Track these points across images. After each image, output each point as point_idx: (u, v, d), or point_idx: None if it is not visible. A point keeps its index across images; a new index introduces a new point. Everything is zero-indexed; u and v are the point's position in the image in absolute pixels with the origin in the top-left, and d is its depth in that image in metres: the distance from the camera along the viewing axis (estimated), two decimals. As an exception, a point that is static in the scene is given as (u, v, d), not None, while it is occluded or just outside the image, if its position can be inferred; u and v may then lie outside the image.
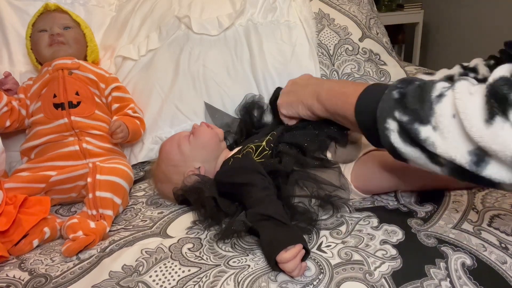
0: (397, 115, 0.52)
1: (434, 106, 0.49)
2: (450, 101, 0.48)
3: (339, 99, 0.67)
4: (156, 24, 1.14)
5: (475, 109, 0.45)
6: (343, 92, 0.66)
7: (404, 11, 2.45)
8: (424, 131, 0.50)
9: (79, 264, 0.65)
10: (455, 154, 0.48)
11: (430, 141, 0.49)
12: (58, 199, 0.88)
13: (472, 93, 0.47)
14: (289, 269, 0.56)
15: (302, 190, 0.71)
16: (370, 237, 0.63)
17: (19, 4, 1.10)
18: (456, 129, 0.47)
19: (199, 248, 0.65)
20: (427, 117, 0.50)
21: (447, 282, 0.54)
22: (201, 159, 0.81)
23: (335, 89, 0.70)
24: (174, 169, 0.81)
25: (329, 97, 0.70)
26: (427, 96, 0.51)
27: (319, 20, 1.19)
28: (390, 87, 0.56)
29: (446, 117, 0.48)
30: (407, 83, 0.55)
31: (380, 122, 0.54)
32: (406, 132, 0.52)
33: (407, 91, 0.53)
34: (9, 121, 0.90)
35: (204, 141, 0.82)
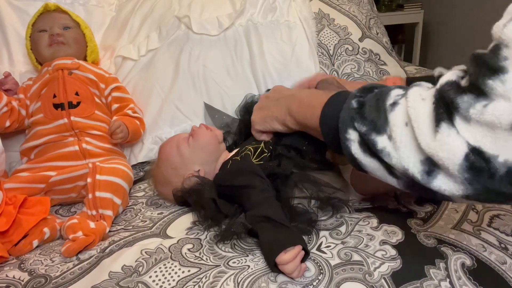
0: (356, 125, 0.52)
1: (388, 115, 0.49)
2: (403, 109, 0.48)
3: (308, 111, 0.66)
4: (156, 24, 1.14)
5: (424, 116, 0.45)
6: (311, 104, 0.66)
7: (404, 11, 2.45)
8: (380, 141, 0.49)
9: (79, 265, 0.65)
10: (408, 164, 0.47)
11: (386, 151, 0.49)
12: (58, 199, 0.88)
13: (424, 99, 0.46)
14: (289, 270, 0.56)
15: (301, 192, 0.71)
16: (370, 238, 0.63)
17: (19, 4, 1.11)
18: (408, 138, 0.47)
19: (199, 249, 0.65)
20: (383, 126, 0.49)
21: (447, 282, 0.54)
22: (201, 161, 0.81)
23: (305, 101, 0.69)
24: (174, 172, 0.80)
25: (299, 109, 0.70)
26: (383, 105, 0.50)
27: (319, 20, 1.19)
28: (350, 96, 0.56)
29: (399, 126, 0.47)
30: (366, 91, 0.55)
31: (341, 132, 0.54)
32: (365, 142, 0.51)
33: (365, 100, 0.53)
34: (9, 121, 0.90)
35: (203, 144, 0.82)
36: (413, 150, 0.46)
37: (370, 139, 0.50)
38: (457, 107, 0.42)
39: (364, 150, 0.52)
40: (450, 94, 0.43)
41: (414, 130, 0.45)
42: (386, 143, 0.49)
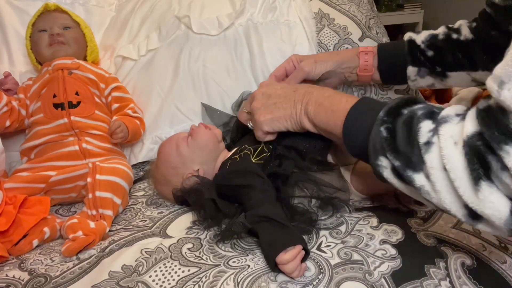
0: (389, 156, 0.52)
1: (423, 155, 0.48)
2: (438, 152, 0.47)
3: (329, 117, 0.65)
4: (156, 24, 1.14)
5: (461, 169, 0.45)
6: (332, 110, 0.64)
7: (404, 11, 2.45)
8: (418, 179, 0.49)
9: (78, 264, 0.65)
10: (450, 207, 0.48)
11: (425, 190, 0.49)
12: (58, 199, 0.88)
13: (456, 143, 0.46)
14: (289, 270, 0.56)
15: (302, 191, 0.71)
16: (370, 237, 0.63)
17: (19, 4, 1.10)
18: (449, 184, 0.47)
19: (198, 248, 0.65)
20: (419, 164, 0.49)
21: (447, 281, 0.54)
22: (200, 160, 0.81)
23: (324, 104, 0.66)
24: (173, 171, 0.80)
25: (319, 114, 0.67)
26: (415, 141, 0.49)
27: (319, 19, 1.19)
28: (377, 120, 0.54)
29: (437, 170, 0.47)
30: (393, 115, 0.54)
31: (372, 157, 0.54)
32: (399, 175, 0.51)
33: (395, 127, 0.52)
34: (9, 121, 0.90)
35: (202, 143, 0.82)
36: (455, 195, 0.46)
37: (406, 175, 0.50)
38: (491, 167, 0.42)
39: (398, 178, 0.52)
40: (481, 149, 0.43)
41: (453, 181, 0.45)
42: (424, 182, 0.49)
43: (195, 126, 0.85)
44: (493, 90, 0.42)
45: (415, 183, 0.49)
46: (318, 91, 0.70)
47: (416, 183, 0.49)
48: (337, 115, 0.62)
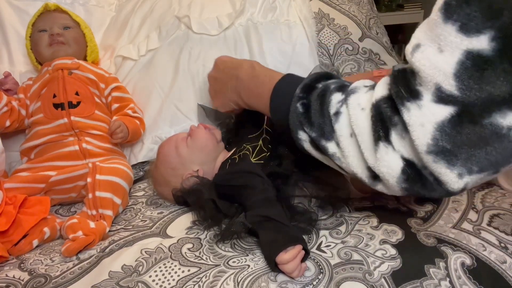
0: (306, 129, 0.57)
1: (333, 124, 0.53)
2: (346, 120, 0.52)
3: (259, 101, 0.70)
4: (156, 24, 1.14)
5: (365, 131, 0.49)
6: (260, 95, 0.69)
7: (404, 11, 2.45)
8: (330, 148, 0.54)
9: (78, 264, 0.65)
10: (356, 170, 0.52)
11: (336, 156, 0.54)
12: (58, 199, 0.88)
13: (363, 108, 0.50)
14: (289, 270, 0.56)
15: (302, 191, 0.71)
16: (370, 237, 0.63)
17: (19, 4, 1.10)
18: (355, 149, 0.51)
19: (198, 248, 0.65)
20: (330, 134, 0.54)
21: (447, 281, 0.54)
22: (199, 161, 0.81)
23: (253, 90, 0.72)
24: (172, 172, 0.80)
25: (249, 98, 0.74)
26: (326, 112, 0.54)
27: (319, 19, 1.19)
28: (294, 97, 0.58)
29: (345, 137, 0.52)
30: (308, 90, 0.58)
31: (293, 133, 0.59)
32: (316, 145, 0.56)
33: (310, 102, 0.57)
34: (9, 121, 0.90)
35: (201, 143, 0.82)
36: (360, 159, 0.51)
37: (321, 145, 0.55)
38: (393, 125, 0.46)
39: (316, 149, 0.57)
40: (388, 112, 0.46)
41: (359, 144, 0.50)
42: (335, 150, 0.54)
43: (195, 127, 0.85)
44: (407, 52, 0.45)
45: (328, 151, 0.54)
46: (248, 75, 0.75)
47: (329, 151, 0.54)
48: (264, 99, 0.67)
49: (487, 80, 0.39)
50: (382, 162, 0.48)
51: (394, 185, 0.48)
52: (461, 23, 0.40)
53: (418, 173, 0.46)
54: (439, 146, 0.43)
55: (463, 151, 0.42)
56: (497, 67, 0.39)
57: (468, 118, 0.41)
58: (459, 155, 0.42)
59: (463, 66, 0.40)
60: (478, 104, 0.40)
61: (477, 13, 0.39)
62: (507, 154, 0.42)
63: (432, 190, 0.46)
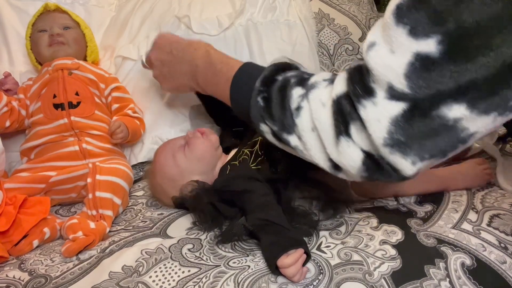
0: (267, 122, 0.58)
1: (294, 118, 0.55)
2: (308, 115, 0.53)
3: (215, 89, 0.71)
4: (156, 24, 1.14)
5: (327, 126, 0.51)
6: (218, 83, 0.69)
7: (404, 11, 2.45)
8: (292, 141, 0.56)
9: (79, 265, 0.65)
10: (318, 161, 0.55)
11: (299, 149, 0.56)
12: (58, 199, 0.88)
13: (324, 104, 0.52)
14: (290, 274, 0.55)
15: (302, 194, 0.71)
16: (370, 238, 0.63)
17: (19, 4, 1.10)
18: (316, 142, 0.54)
19: (199, 249, 0.65)
20: (292, 127, 0.55)
21: (447, 282, 0.54)
22: (198, 171, 0.78)
23: (209, 78, 0.72)
24: (171, 183, 0.78)
25: (206, 85, 0.73)
26: (287, 105, 0.55)
27: (319, 20, 1.19)
28: (254, 90, 0.59)
29: (306, 131, 0.54)
30: (268, 83, 0.59)
31: (255, 125, 0.60)
32: (278, 137, 0.58)
33: (270, 96, 0.58)
34: (9, 122, 0.90)
35: (200, 154, 0.79)
36: (322, 152, 0.54)
37: (283, 137, 0.57)
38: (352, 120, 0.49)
39: (278, 141, 0.59)
40: (347, 108, 0.49)
41: (320, 138, 0.52)
42: (297, 143, 0.56)
43: (192, 134, 0.82)
44: (363, 50, 0.47)
45: (290, 144, 0.57)
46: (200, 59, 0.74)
47: (291, 144, 0.57)
48: (222, 88, 0.67)
49: (435, 79, 0.42)
50: (343, 155, 0.51)
51: (355, 174, 0.52)
52: (411, 27, 0.42)
53: (376, 163, 0.49)
54: (394, 139, 0.46)
55: (416, 142, 0.46)
56: (444, 67, 0.42)
57: (419, 112, 0.44)
58: (412, 145, 0.46)
59: (413, 67, 0.43)
60: (427, 99, 0.44)
61: (424, 18, 0.42)
62: (454, 142, 0.45)
63: (389, 177, 0.50)
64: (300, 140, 0.55)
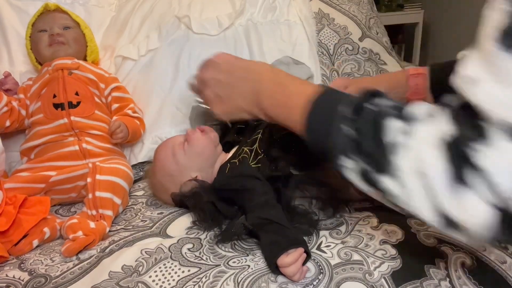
0: (352, 157, 0.49)
1: (391, 157, 0.45)
2: (411, 156, 0.44)
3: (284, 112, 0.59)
4: (156, 24, 1.14)
5: (438, 172, 0.42)
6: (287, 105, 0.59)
7: (404, 11, 2.45)
8: (385, 182, 0.46)
9: (79, 264, 0.65)
10: (420, 212, 0.44)
11: (392, 193, 0.46)
12: (58, 199, 0.88)
13: (432, 144, 0.43)
14: (291, 273, 0.55)
15: (302, 193, 0.70)
16: (370, 237, 0.63)
17: (19, 4, 1.11)
18: (421, 189, 0.43)
19: (199, 248, 0.65)
20: (385, 166, 0.46)
21: (447, 282, 0.54)
22: (198, 167, 0.79)
23: (278, 98, 0.60)
24: (170, 179, 0.79)
25: (272, 107, 0.61)
26: (382, 141, 0.46)
27: (319, 19, 1.19)
28: (340, 115, 0.50)
29: (408, 174, 0.44)
30: (356, 110, 0.50)
31: (334, 157, 0.51)
32: (364, 176, 0.49)
33: (359, 126, 0.48)
34: (9, 121, 0.90)
35: (199, 150, 0.79)
36: (428, 201, 0.43)
37: (371, 177, 0.47)
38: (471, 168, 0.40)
39: (361, 180, 0.50)
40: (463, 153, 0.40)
41: (428, 184, 0.43)
42: (391, 185, 0.46)
43: (191, 131, 0.82)
44: (460, 88, 0.41)
45: (380, 185, 0.47)
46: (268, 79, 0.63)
47: (383, 186, 0.46)
48: (293, 109, 0.57)
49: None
50: (461, 208, 0.41)
51: (477, 233, 0.42)
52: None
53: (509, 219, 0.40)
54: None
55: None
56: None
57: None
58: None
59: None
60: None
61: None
62: None
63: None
64: (396, 182, 0.45)
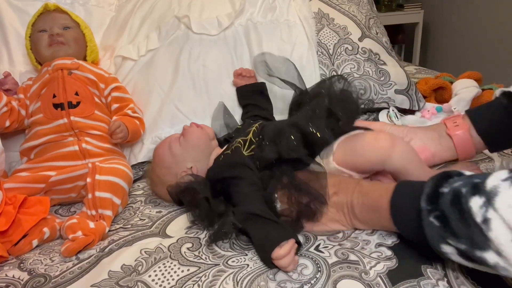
0: (451, 243, 0.51)
1: (486, 233, 0.47)
2: (502, 227, 0.46)
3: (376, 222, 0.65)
4: (155, 24, 1.14)
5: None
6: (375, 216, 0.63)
7: (404, 11, 2.45)
8: (490, 258, 0.48)
9: (78, 264, 0.65)
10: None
11: (501, 266, 0.48)
12: (57, 199, 0.88)
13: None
14: (284, 264, 0.57)
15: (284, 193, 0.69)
16: (366, 242, 0.63)
17: (19, 4, 1.11)
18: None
19: (198, 248, 0.66)
20: (484, 243, 0.48)
21: (445, 281, 0.54)
22: (193, 158, 0.81)
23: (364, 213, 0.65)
24: (167, 171, 0.81)
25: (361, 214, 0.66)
26: (471, 221, 0.49)
27: (319, 19, 1.19)
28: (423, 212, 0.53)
29: (506, 245, 0.46)
30: (435, 199, 0.53)
31: (435, 247, 0.54)
32: (468, 257, 0.51)
33: (444, 213, 0.51)
34: (8, 121, 0.90)
35: (193, 141, 0.83)
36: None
37: (476, 256, 0.49)
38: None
39: (468, 260, 0.51)
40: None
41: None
42: (497, 259, 0.48)
43: (187, 126, 0.86)
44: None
45: (488, 262, 0.48)
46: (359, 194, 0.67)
47: (489, 261, 0.48)
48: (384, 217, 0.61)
49: None
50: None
51: None
52: None
53: None
54: None
55: None
56: None
57: None
58: None
59: None
60: None
61: None
62: None
63: None
64: (500, 256, 0.47)
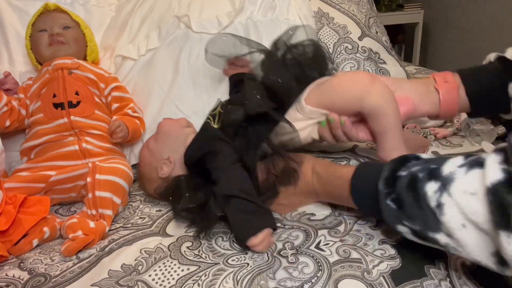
0: (406, 223, 0.54)
1: (438, 217, 0.49)
2: (455, 211, 0.48)
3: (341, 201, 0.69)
4: (155, 23, 1.14)
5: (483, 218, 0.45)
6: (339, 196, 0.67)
7: (404, 11, 2.45)
8: (441, 239, 0.50)
9: (78, 263, 0.65)
10: (480, 258, 0.48)
11: (451, 246, 0.50)
12: (57, 198, 0.88)
13: (473, 193, 0.46)
14: (259, 250, 0.62)
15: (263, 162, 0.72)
16: (369, 237, 0.63)
17: (19, 4, 1.11)
18: (472, 238, 0.47)
19: (198, 247, 0.65)
20: (437, 226, 0.50)
21: (447, 282, 0.54)
22: (168, 149, 0.82)
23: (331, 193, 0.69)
24: (150, 168, 0.83)
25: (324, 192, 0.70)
26: (425, 205, 0.50)
27: (319, 18, 1.19)
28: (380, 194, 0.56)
29: (457, 229, 0.48)
30: (392, 182, 0.55)
31: (392, 226, 0.56)
32: (422, 236, 0.53)
33: (399, 196, 0.54)
34: (8, 121, 0.90)
35: (165, 132, 0.85)
36: (481, 247, 0.47)
37: (429, 237, 0.51)
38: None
39: (422, 239, 0.54)
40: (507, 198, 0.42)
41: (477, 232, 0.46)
42: (447, 241, 0.50)
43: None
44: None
45: (439, 242, 0.51)
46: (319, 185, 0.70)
47: (440, 242, 0.51)
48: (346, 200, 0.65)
49: None
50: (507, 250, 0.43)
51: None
52: None
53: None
54: None
55: None
56: None
57: None
58: None
59: None
60: None
61: None
62: None
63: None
64: (450, 238, 0.49)
